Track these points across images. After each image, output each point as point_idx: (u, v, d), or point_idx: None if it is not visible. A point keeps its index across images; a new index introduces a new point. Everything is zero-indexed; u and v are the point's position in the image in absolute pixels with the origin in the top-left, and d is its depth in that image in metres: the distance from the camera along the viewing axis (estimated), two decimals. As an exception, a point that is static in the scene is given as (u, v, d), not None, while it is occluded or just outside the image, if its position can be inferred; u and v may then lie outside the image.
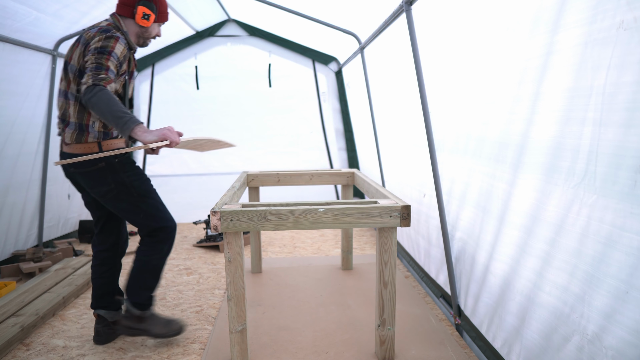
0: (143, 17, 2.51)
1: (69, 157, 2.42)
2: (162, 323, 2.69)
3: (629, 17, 1.27)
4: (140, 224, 2.59)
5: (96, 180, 2.48)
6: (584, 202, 1.52)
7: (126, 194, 2.53)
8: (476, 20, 2.26)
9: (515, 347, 2.06)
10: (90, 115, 2.43)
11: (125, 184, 2.52)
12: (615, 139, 1.36)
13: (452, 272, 2.83)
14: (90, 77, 2.20)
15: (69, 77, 2.44)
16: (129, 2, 2.51)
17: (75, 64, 2.41)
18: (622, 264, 1.35)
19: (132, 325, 2.66)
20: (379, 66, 4.22)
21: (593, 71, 1.44)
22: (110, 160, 2.48)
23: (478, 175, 2.36)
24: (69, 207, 5.13)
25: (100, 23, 2.49)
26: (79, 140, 2.44)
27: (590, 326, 1.51)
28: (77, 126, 2.44)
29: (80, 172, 2.47)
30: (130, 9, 2.51)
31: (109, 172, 2.48)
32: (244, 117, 6.33)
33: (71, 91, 2.43)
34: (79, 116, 2.43)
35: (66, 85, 2.45)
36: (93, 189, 2.51)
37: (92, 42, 2.34)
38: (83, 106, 2.40)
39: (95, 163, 2.44)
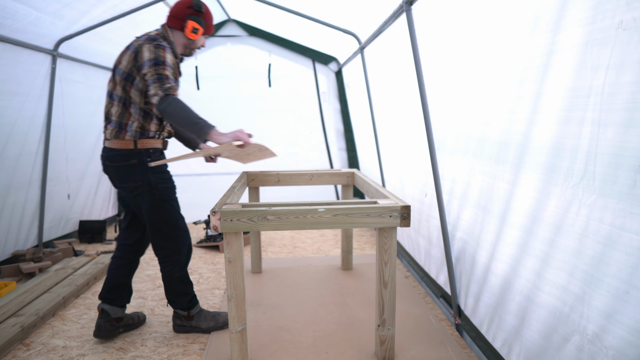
0: (192, 31, 2.65)
1: (110, 152, 2.61)
2: (210, 317, 2.90)
3: (629, 17, 1.27)
4: (154, 228, 2.71)
5: (125, 175, 2.60)
6: (583, 202, 1.52)
7: (149, 194, 2.64)
8: (477, 20, 2.26)
9: (515, 347, 2.06)
10: (131, 116, 2.57)
11: (150, 184, 2.63)
12: (614, 139, 1.36)
13: (452, 272, 2.83)
14: (158, 89, 2.38)
15: (115, 80, 2.57)
16: (179, 16, 2.63)
17: (123, 68, 2.53)
18: (622, 264, 1.35)
19: (184, 324, 2.87)
20: (379, 66, 4.22)
21: (592, 71, 1.44)
22: (143, 159, 2.60)
23: (479, 175, 2.36)
24: (69, 207, 5.13)
25: (150, 32, 2.62)
26: (117, 136, 2.58)
27: (590, 326, 1.51)
28: (117, 124, 2.58)
29: (113, 166, 2.61)
30: (181, 22, 2.64)
31: (139, 170, 2.60)
32: (244, 117, 6.33)
33: (116, 92, 2.57)
34: (120, 116, 2.58)
35: (112, 86, 2.59)
36: (122, 183, 2.64)
37: (142, 50, 2.48)
38: (125, 107, 2.56)
39: (128, 159, 2.58)
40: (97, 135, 5.60)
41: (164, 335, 2.88)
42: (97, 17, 4.31)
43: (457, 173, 2.64)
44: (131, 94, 2.56)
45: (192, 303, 2.87)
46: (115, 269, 2.83)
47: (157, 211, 2.67)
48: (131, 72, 2.52)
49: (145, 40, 2.51)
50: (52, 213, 4.83)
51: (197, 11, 2.65)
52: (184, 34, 2.67)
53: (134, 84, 2.53)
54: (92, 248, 4.98)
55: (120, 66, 2.55)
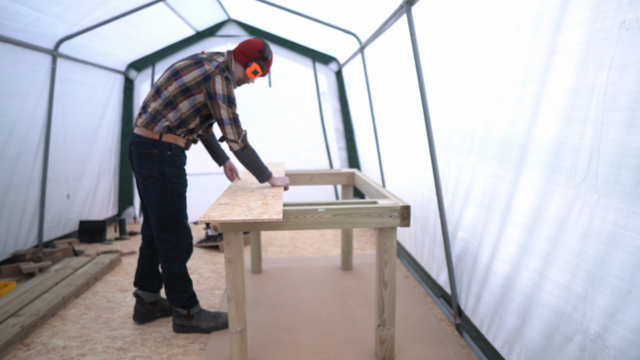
0: (253, 72, 2.89)
1: (137, 138, 2.77)
2: (210, 317, 2.94)
3: (631, 16, 1.27)
4: (159, 219, 2.80)
5: (145, 162, 2.75)
6: (585, 201, 1.52)
7: (161, 185, 2.76)
8: (477, 20, 2.26)
9: (516, 346, 2.05)
10: (166, 116, 2.74)
11: (165, 175, 2.76)
12: (617, 139, 1.36)
13: (453, 272, 2.83)
14: (238, 137, 2.73)
15: (172, 82, 2.72)
16: (248, 55, 2.85)
17: (186, 81, 2.70)
18: (625, 264, 1.35)
19: (184, 323, 2.92)
20: (380, 66, 4.21)
21: (595, 71, 1.44)
22: (164, 150, 2.75)
23: (482, 175, 2.36)
24: (69, 207, 5.13)
25: (218, 57, 2.81)
26: (147, 126, 2.75)
27: (592, 326, 1.50)
28: (151, 117, 2.75)
29: (137, 152, 2.77)
30: (246, 60, 2.86)
31: (157, 160, 2.74)
32: (244, 117, 6.29)
33: (165, 93, 2.73)
34: (157, 112, 2.75)
35: (165, 86, 2.73)
36: (139, 169, 2.78)
37: (215, 79, 2.68)
38: (166, 108, 2.73)
39: (150, 148, 2.73)
40: (97, 135, 5.60)
41: (164, 335, 2.88)
42: (99, 18, 4.31)
43: (461, 173, 2.64)
44: (180, 104, 2.72)
45: (192, 302, 2.91)
46: (141, 258, 3.04)
47: (165, 203, 2.77)
48: (193, 88, 2.70)
49: (217, 69, 2.70)
50: (52, 213, 4.82)
51: (264, 57, 2.88)
52: (245, 71, 2.89)
53: (190, 99, 2.71)
54: (92, 248, 4.97)
55: (183, 76, 2.70)
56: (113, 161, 6.10)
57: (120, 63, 5.86)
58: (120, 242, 5.27)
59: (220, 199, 2.57)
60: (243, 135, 2.75)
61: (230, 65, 2.84)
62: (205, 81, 2.68)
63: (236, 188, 2.93)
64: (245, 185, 3.03)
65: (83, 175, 5.37)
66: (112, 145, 6.01)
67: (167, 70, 2.82)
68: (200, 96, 2.71)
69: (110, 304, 3.38)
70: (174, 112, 2.73)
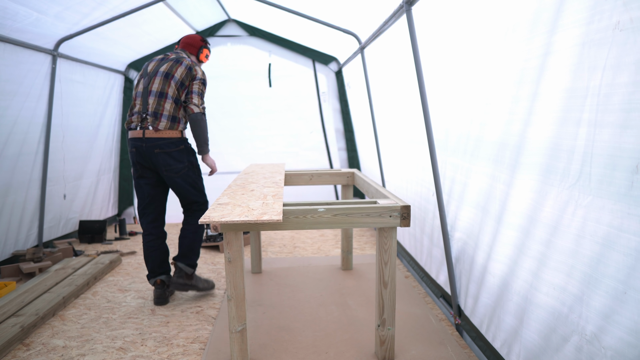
0: (206, 56, 3.59)
1: (162, 141, 3.23)
2: (203, 281, 3.52)
3: (625, 17, 1.27)
4: (192, 196, 3.40)
5: (177, 158, 3.28)
6: (579, 203, 1.52)
7: (192, 172, 3.38)
8: (476, 20, 2.26)
9: (515, 347, 2.06)
10: (179, 111, 3.28)
11: (193, 164, 3.38)
12: (611, 140, 1.36)
13: (452, 272, 2.83)
14: (201, 103, 3.30)
15: (169, 83, 3.25)
16: (195, 45, 3.53)
17: (178, 77, 3.27)
18: (620, 265, 1.35)
19: (185, 282, 3.39)
20: (379, 66, 4.22)
21: (589, 72, 1.44)
22: (188, 145, 3.34)
23: (477, 176, 2.36)
24: (69, 207, 5.14)
25: (182, 54, 3.43)
26: (171, 127, 3.24)
27: (588, 326, 1.51)
28: (171, 118, 3.24)
29: (165, 152, 3.24)
30: (196, 50, 3.53)
31: (186, 154, 3.33)
32: (244, 116, 6.34)
33: (170, 93, 3.24)
34: (173, 111, 3.25)
35: (166, 88, 3.25)
36: (171, 166, 3.27)
37: (196, 69, 3.32)
38: (176, 105, 3.26)
39: (178, 145, 3.27)
40: (97, 135, 5.61)
41: (164, 335, 2.88)
42: (99, 18, 4.31)
43: (457, 173, 2.64)
44: (181, 97, 3.29)
45: (196, 265, 3.45)
46: (157, 249, 3.41)
47: (197, 183, 3.42)
48: (184, 81, 3.27)
49: (193, 62, 3.37)
50: (52, 213, 4.83)
51: (207, 43, 3.59)
52: (198, 58, 3.56)
53: (185, 90, 3.29)
54: (92, 248, 4.98)
55: (175, 75, 3.26)
56: (113, 161, 6.11)
57: (120, 63, 5.87)
58: (120, 242, 5.28)
59: (220, 198, 2.58)
60: (204, 107, 3.32)
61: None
62: (190, 71, 3.30)
63: (236, 187, 2.94)
64: (245, 184, 3.03)
65: (83, 175, 5.37)
66: (112, 145, 6.02)
67: (151, 76, 3.30)
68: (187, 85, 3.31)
69: (110, 304, 3.39)
70: (181, 106, 3.29)
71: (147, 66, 3.38)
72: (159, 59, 3.36)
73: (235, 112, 6.31)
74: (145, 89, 3.27)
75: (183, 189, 3.35)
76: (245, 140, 6.36)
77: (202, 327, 2.99)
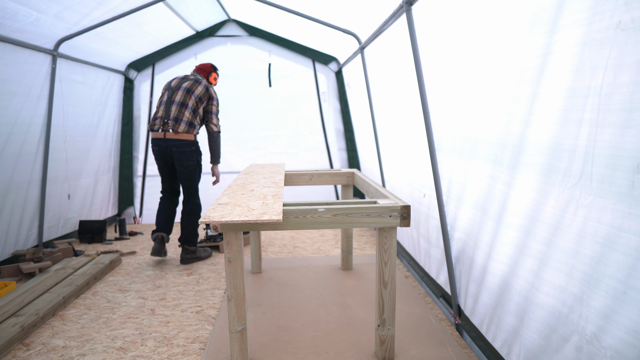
0: (214, 79, 4.47)
1: (179, 142, 4.13)
2: (202, 250, 4.53)
3: (627, 17, 1.27)
4: (189, 190, 4.32)
5: (188, 157, 4.19)
6: (580, 202, 1.52)
7: (198, 169, 4.32)
8: (476, 20, 2.26)
9: (515, 347, 2.06)
10: (196, 119, 4.19)
11: (199, 163, 4.31)
12: (612, 140, 1.36)
13: (452, 272, 2.83)
14: (218, 123, 4.33)
15: (190, 97, 4.17)
16: (207, 70, 4.43)
17: (198, 93, 4.19)
18: (621, 265, 1.35)
19: (191, 257, 4.40)
20: (379, 66, 4.22)
21: (591, 72, 1.44)
22: (198, 147, 4.25)
23: (477, 176, 2.36)
24: (69, 207, 5.14)
25: (200, 78, 4.34)
26: (188, 132, 4.14)
27: (589, 326, 1.51)
28: (189, 124, 4.15)
29: (180, 151, 4.15)
30: (207, 74, 4.43)
31: (196, 154, 4.24)
32: (244, 117, 6.34)
33: (189, 105, 4.15)
34: (191, 119, 4.16)
35: (186, 100, 4.15)
36: (183, 162, 4.19)
37: (211, 90, 4.27)
38: (193, 114, 4.16)
39: (191, 146, 4.17)
40: (97, 134, 5.61)
41: (164, 335, 2.88)
42: (99, 18, 4.31)
43: (456, 174, 2.64)
44: (199, 109, 4.21)
45: (197, 241, 4.45)
46: (166, 209, 4.41)
47: (195, 177, 4.33)
48: (202, 97, 4.21)
49: (208, 83, 4.36)
50: (52, 213, 4.83)
51: (216, 69, 4.49)
52: (208, 80, 4.43)
53: (202, 104, 4.22)
54: (92, 248, 4.98)
55: (195, 91, 4.19)
56: (112, 161, 6.11)
57: (120, 63, 5.87)
58: (120, 242, 5.28)
59: (220, 198, 2.58)
60: (220, 126, 4.36)
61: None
62: (207, 91, 4.25)
63: (236, 187, 2.94)
64: (245, 184, 3.03)
65: (83, 175, 5.37)
66: (112, 145, 6.02)
67: (174, 89, 4.20)
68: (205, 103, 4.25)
69: (110, 304, 3.39)
70: (197, 115, 4.19)
71: (170, 82, 4.30)
72: (181, 77, 4.30)
73: (235, 112, 6.31)
74: (169, 99, 4.17)
75: (187, 181, 4.27)
76: (245, 140, 6.36)
77: (202, 327, 2.99)
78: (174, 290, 3.66)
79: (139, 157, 6.31)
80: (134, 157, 6.30)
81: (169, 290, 3.64)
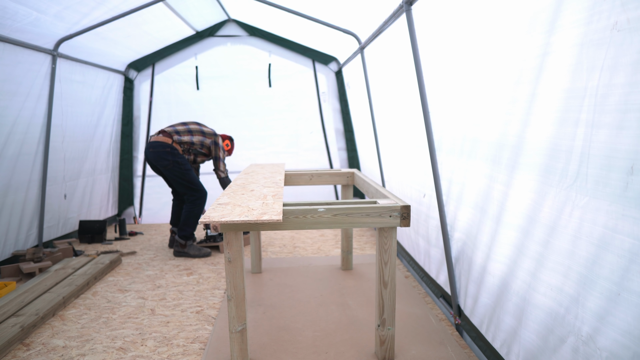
0: (226, 145, 4.81)
1: (155, 144, 4.40)
2: (196, 250, 4.58)
3: (623, 18, 1.27)
4: (181, 188, 4.53)
5: (161, 156, 4.39)
6: (576, 203, 1.52)
7: (177, 168, 4.43)
8: (476, 20, 2.26)
9: (514, 347, 2.06)
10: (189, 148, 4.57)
11: (178, 162, 4.42)
12: (607, 141, 1.36)
13: (452, 272, 2.84)
14: (224, 169, 4.69)
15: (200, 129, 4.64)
16: (224, 137, 4.83)
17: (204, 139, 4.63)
18: (614, 266, 1.35)
19: (180, 250, 4.57)
20: (379, 66, 4.22)
21: (588, 72, 1.44)
22: (175, 152, 4.42)
23: (476, 176, 2.37)
24: (68, 207, 5.14)
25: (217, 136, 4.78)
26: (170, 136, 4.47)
27: (584, 327, 1.51)
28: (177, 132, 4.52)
29: (155, 151, 4.39)
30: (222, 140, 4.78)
31: (170, 155, 4.40)
32: (244, 117, 6.34)
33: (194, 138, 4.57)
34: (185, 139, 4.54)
35: (195, 129, 4.62)
36: (159, 162, 4.41)
37: (219, 141, 4.72)
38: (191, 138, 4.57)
39: (165, 147, 4.40)
40: (96, 134, 5.61)
41: (164, 335, 2.89)
42: (98, 17, 4.32)
43: (455, 174, 2.64)
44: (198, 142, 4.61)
45: (191, 237, 4.56)
46: (175, 205, 4.87)
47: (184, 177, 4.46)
48: (208, 135, 4.66)
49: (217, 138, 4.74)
50: (52, 213, 4.84)
51: (231, 140, 4.88)
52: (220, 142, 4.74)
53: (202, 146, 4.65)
54: (92, 248, 4.99)
55: (204, 139, 4.63)
56: (112, 161, 6.11)
57: (120, 63, 5.87)
58: (120, 242, 5.28)
59: (220, 198, 2.58)
60: (227, 170, 4.75)
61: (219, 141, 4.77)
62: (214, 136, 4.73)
63: (236, 187, 2.94)
64: (245, 184, 3.03)
65: (83, 175, 5.38)
66: (111, 145, 6.02)
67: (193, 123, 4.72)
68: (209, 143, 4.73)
69: (110, 304, 3.39)
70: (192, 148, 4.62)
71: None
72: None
73: (235, 112, 6.31)
74: (182, 122, 4.70)
75: (177, 178, 4.46)
76: (245, 140, 6.36)
77: (202, 327, 2.99)
78: (174, 290, 3.66)
79: (139, 157, 6.31)
80: (133, 157, 6.31)
81: (169, 290, 3.65)
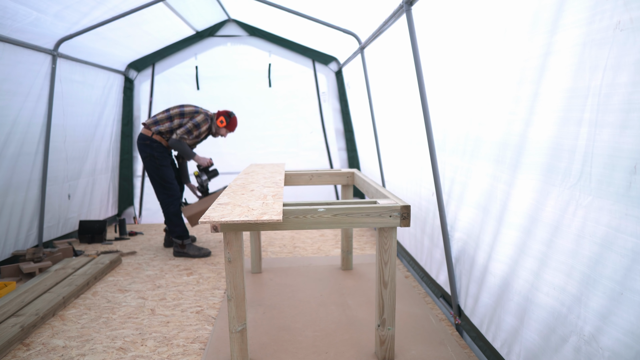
0: (220, 122, 4.61)
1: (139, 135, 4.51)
2: (196, 249, 4.59)
3: (626, 17, 1.27)
4: (156, 183, 4.54)
5: (140, 149, 4.48)
6: (579, 203, 1.52)
7: (152, 162, 4.46)
8: (476, 20, 2.26)
9: (515, 347, 2.06)
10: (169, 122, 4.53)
11: (154, 156, 4.45)
12: (610, 140, 1.36)
13: (452, 272, 2.83)
14: (182, 134, 4.45)
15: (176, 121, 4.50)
16: (218, 114, 4.63)
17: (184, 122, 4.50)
18: (617, 265, 1.35)
19: (178, 250, 4.58)
20: (379, 66, 4.22)
21: (590, 72, 1.44)
22: (154, 145, 4.45)
23: (479, 176, 2.36)
24: (68, 207, 5.14)
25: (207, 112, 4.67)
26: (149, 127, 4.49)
27: (587, 327, 1.51)
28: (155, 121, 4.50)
29: (138, 145, 4.53)
30: (217, 116, 4.62)
31: (148, 148, 4.44)
32: (244, 117, 6.33)
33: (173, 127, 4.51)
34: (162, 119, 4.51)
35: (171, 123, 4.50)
36: (140, 154, 4.51)
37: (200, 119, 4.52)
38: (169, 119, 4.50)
39: (145, 140, 4.46)
40: (96, 134, 5.61)
41: (164, 335, 2.88)
42: (98, 17, 4.31)
43: (457, 173, 2.64)
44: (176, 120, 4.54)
45: (184, 235, 4.57)
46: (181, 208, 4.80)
47: (157, 173, 4.50)
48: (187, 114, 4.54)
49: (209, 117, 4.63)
50: (52, 213, 4.83)
51: (228, 115, 4.63)
52: (215, 122, 4.63)
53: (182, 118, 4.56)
54: (92, 248, 4.98)
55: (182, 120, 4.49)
56: (112, 161, 6.11)
57: (120, 63, 5.87)
58: (120, 242, 5.28)
59: (220, 198, 2.58)
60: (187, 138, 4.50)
61: (213, 117, 4.66)
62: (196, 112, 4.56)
63: (236, 187, 2.94)
64: (245, 184, 3.03)
65: (83, 175, 5.37)
66: (112, 144, 6.02)
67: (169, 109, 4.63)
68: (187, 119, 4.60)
69: (110, 304, 3.39)
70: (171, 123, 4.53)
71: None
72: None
73: (235, 112, 6.30)
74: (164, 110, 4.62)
75: (150, 174, 4.53)
76: (245, 140, 6.36)
77: (202, 327, 2.99)
78: (174, 290, 3.66)
79: (139, 157, 6.31)
80: (133, 157, 6.31)
81: (169, 290, 3.64)
